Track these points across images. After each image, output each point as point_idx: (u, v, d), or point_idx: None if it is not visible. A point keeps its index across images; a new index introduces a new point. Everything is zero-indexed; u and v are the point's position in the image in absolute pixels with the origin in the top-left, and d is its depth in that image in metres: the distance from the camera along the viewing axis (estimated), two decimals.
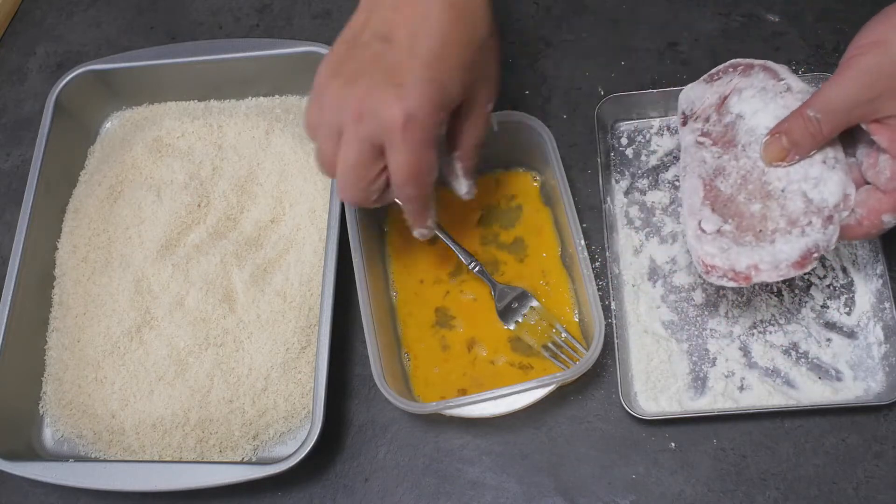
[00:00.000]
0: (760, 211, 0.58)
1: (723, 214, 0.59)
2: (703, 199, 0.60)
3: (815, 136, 0.57)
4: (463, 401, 0.62)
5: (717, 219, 0.59)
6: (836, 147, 0.58)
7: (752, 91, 0.61)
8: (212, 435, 0.68)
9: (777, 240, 0.57)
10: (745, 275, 0.57)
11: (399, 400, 0.61)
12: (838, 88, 0.56)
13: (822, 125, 0.57)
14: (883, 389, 0.63)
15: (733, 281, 0.58)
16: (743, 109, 0.61)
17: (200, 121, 0.79)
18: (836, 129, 0.57)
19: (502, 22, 0.83)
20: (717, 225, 0.59)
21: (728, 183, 0.60)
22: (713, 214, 0.59)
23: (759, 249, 0.57)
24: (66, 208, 0.78)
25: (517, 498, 0.65)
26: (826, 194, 0.57)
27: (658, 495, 0.63)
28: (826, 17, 0.78)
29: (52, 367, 0.72)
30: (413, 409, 0.62)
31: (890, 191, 0.56)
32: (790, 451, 0.63)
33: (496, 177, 0.74)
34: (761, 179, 0.59)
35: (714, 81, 0.64)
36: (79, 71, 0.80)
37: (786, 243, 0.57)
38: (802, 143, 0.58)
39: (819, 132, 0.57)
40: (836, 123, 0.57)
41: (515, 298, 0.68)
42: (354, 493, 0.66)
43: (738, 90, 0.62)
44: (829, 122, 0.57)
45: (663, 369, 0.65)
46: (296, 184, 0.74)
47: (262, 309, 0.70)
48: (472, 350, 0.68)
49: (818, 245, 0.57)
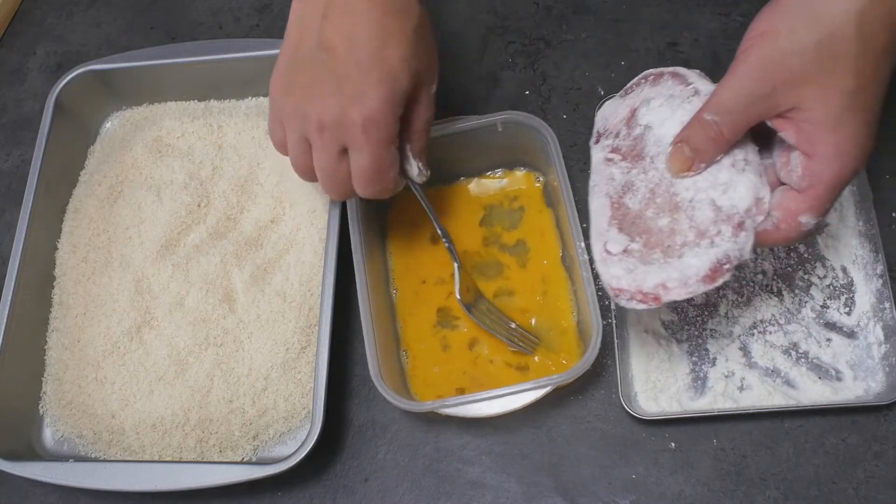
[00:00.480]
0: (669, 225, 0.55)
1: (630, 233, 0.56)
2: (611, 219, 0.57)
3: (717, 141, 0.53)
4: (460, 400, 0.62)
5: (624, 238, 0.56)
6: (747, 148, 0.54)
7: (661, 100, 0.58)
8: (212, 435, 0.68)
9: (685, 254, 0.53)
10: (653, 295, 0.53)
11: (395, 398, 0.61)
12: (731, 87, 0.53)
13: (721, 128, 0.53)
14: (883, 389, 0.63)
15: (642, 303, 0.54)
16: (651, 120, 0.58)
17: (200, 121, 0.79)
18: (737, 131, 0.53)
19: (502, 22, 0.83)
20: (624, 244, 0.55)
21: (637, 199, 0.56)
22: (619, 234, 0.56)
23: (667, 266, 0.53)
24: (66, 208, 0.78)
25: (517, 498, 0.65)
26: (736, 200, 0.53)
27: (658, 495, 0.63)
28: None
29: (52, 367, 0.72)
30: (409, 407, 0.62)
31: (804, 189, 0.52)
32: (790, 451, 0.63)
33: (498, 177, 0.74)
34: (669, 192, 0.55)
35: (627, 95, 0.61)
36: (79, 71, 0.80)
37: (694, 257, 0.53)
38: (704, 149, 0.54)
39: (720, 135, 0.53)
40: (736, 124, 0.53)
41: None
42: (354, 493, 0.66)
43: (647, 100, 0.59)
44: (727, 123, 0.53)
45: (663, 369, 0.65)
46: (296, 184, 0.74)
47: (262, 309, 0.70)
48: (473, 349, 0.68)
49: (729, 255, 0.53)
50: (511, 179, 0.73)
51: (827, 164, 0.51)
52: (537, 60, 0.80)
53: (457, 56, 0.81)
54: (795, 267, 0.68)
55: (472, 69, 0.81)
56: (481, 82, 0.80)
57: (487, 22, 0.83)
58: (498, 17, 0.83)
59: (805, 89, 0.51)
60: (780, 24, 0.51)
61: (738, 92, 0.52)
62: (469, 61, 0.81)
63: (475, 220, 0.72)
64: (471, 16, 0.84)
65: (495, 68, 0.80)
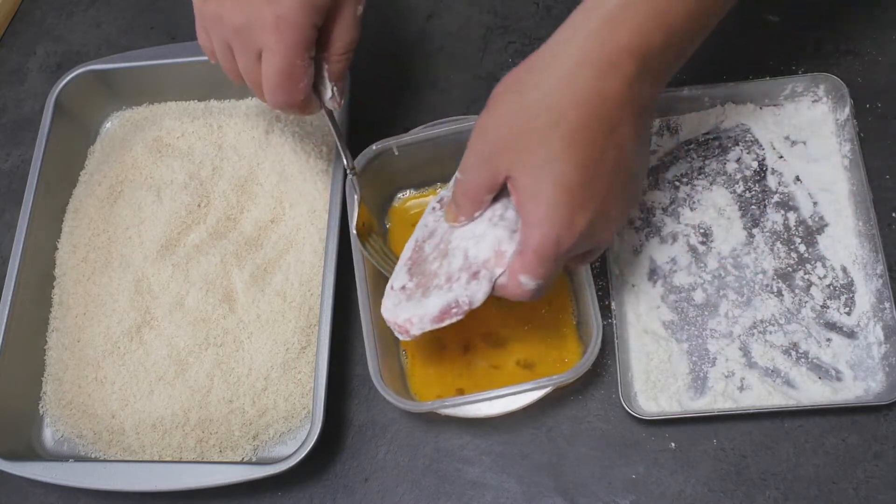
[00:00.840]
0: (436, 269, 0.59)
1: (413, 273, 0.61)
2: (407, 260, 0.62)
3: (468, 196, 0.56)
4: (459, 400, 0.62)
5: (406, 277, 0.61)
6: (508, 205, 0.57)
7: None
8: (212, 435, 0.68)
9: (432, 295, 0.58)
10: (403, 328, 0.59)
11: (395, 398, 0.61)
12: (469, 147, 0.55)
13: (466, 185, 0.56)
14: (883, 389, 0.63)
15: (400, 333, 0.60)
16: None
17: (200, 121, 0.79)
18: (481, 189, 0.55)
19: (502, 22, 0.83)
20: (403, 282, 0.61)
21: (432, 243, 0.61)
22: (406, 274, 0.62)
23: (418, 304, 0.59)
24: (66, 208, 0.78)
25: (517, 498, 0.65)
26: (480, 251, 0.57)
27: (658, 495, 0.63)
28: (826, 17, 0.77)
29: (52, 367, 0.72)
30: (409, 407, 0.62)
31: (519, 252, 0.54)
32: (790, 451, 0.63)
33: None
34: (446, 240, 0.60)
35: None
36: (79, 71, 0.80)
37: (436, 297, 0.58)
38: (462, 204, 0.57)
39: (468, 192, 0.56)
40: (476, 183, 0.55)
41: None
42: (354, 493, 0.66)
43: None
44: (469, 181, 0.55)
45: (663, 369, 0.65)
46: (296, 184, 0.74)
47: (262, 309, 0.70)
48: (468, 351, 0.68)
49: (458, 300, 0.57)
50: None
51: (530, 230, 0.53)
52: None
53: (457, 56, 0.81)
54: (795, 267, 0.68)
55: (472, 69, 0.81)
56: (481, 82, 0.80)
57: (487, 22, 0.83)
58: (498, 17, 0.83)
59: (509, 157, 0.52)
60: (505, 88, 0.54)
61: (468, 154, 0.55)
62: (469, 61, 0.81)
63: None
64: (471, 16, 0.84)
65: (495, 68, 0.80)
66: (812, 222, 0.69)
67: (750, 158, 0.72)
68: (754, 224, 0.70)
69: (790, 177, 0.71)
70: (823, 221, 0.69)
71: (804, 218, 0.69)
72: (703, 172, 0.72)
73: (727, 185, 0.71)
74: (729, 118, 0.73)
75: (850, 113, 0.70)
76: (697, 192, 0.71)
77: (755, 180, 0.71)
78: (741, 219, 0.70)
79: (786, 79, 0.72)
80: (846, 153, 0.70)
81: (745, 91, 0.73)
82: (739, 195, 0.71)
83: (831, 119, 0.72)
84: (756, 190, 0.71)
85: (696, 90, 0.73)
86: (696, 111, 0.74)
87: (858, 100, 0.72)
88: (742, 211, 0.70)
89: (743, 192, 0.71)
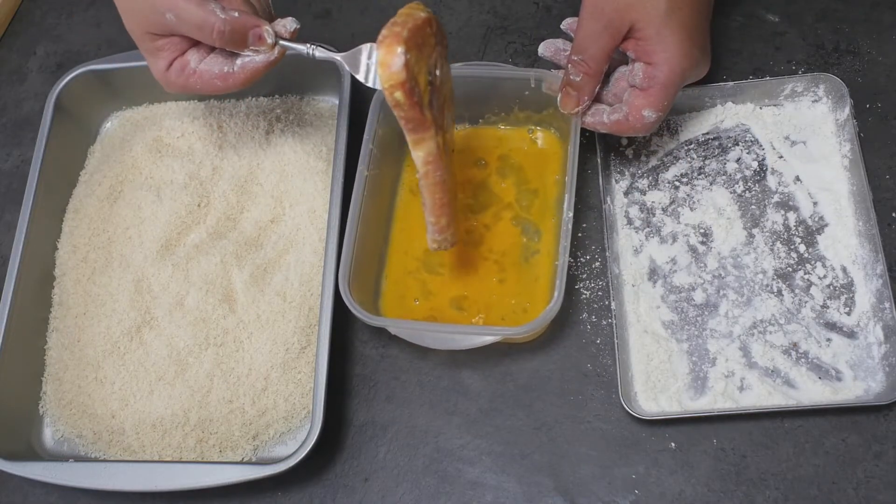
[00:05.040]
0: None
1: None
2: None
3: (589, 74, 0.66)
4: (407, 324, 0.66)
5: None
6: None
7: None
8: (212, 435, 0.68)
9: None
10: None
11: (354, 306, 0.63)
12: (580, 29, 0.65)
13: (587, 63, 0.65)
14: (883, 389, 0.63)
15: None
16: None
17: (200, 121, 0.79)
18: (599, 62, 0.65)
19: (502, 22, 0.83)
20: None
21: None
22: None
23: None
24: (66, 208, 0.78)
25: (517, 498, 0.65)
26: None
27: (658, 495, 0.63)
28: (826, 16, 0.78)
29: (52, 367, 0.72)
30: (363, 318, 0.64)
31: (645, 88, 0.65)
32: (790, 451, 0.63)
33: (527, 129, 0.76)
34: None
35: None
36: (79, 71, 0.79)
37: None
38: (584, 84, 0.66)
39: (589, 69, 0.65)
40: (596, 57, 0.65)
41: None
42: (354, 493, 0.66)
43: None
44: (590, 58, 0.65)
45: (663, 369, 0.66)
46: (296, 184, 0.74)
47: (262, 309, 0.70)
48: (451, 306, 0.70)
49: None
50: (535, 136, 0.76)
51: (659, 67, 0.64)
52: (537, 60, 0.80)
53: (457, 56, 0.81)
54: (795, 267, 0.68)
55: None
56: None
57: (487, 22, 0.83)
58: (498, 17, 0.83)
59: (630, 14, 0.63)
60: None
61: (583, 32, 0.65)
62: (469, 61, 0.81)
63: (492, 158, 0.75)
64: (471, 16, 0.84)
65: None
66: (812, 222, 0.69)
67: (750, 158, 0.72)
68: (754, 224, 0.70)
69: (790, 177, 0.71)
70: (823, 221, 0.69)
71: (804, 218, 0.69)
72: (703, 172, 0.72)
73: (727, 185, 0.71)
74: (729, 118, 0.74)
75: (850, 113, 0.70)
76: (697, 192, 0.71)
77: (755, 180, 0.71)
78: (741, 219, 0.70)
79: (786, 79, 0.72)
80: (846, 153, 0.70)
81: (745, 91, 0.73)
82: (739, 195, 0.71)
83: (831, 119, 0.72)
84: (756, 190, 0.71)
85: (696, 90, 0.73)
86: (696, 111, 0.74)
87: (858, 100, 0.72)
88: (742, 211, 0.70)
89: (743, 192, 0.71)
